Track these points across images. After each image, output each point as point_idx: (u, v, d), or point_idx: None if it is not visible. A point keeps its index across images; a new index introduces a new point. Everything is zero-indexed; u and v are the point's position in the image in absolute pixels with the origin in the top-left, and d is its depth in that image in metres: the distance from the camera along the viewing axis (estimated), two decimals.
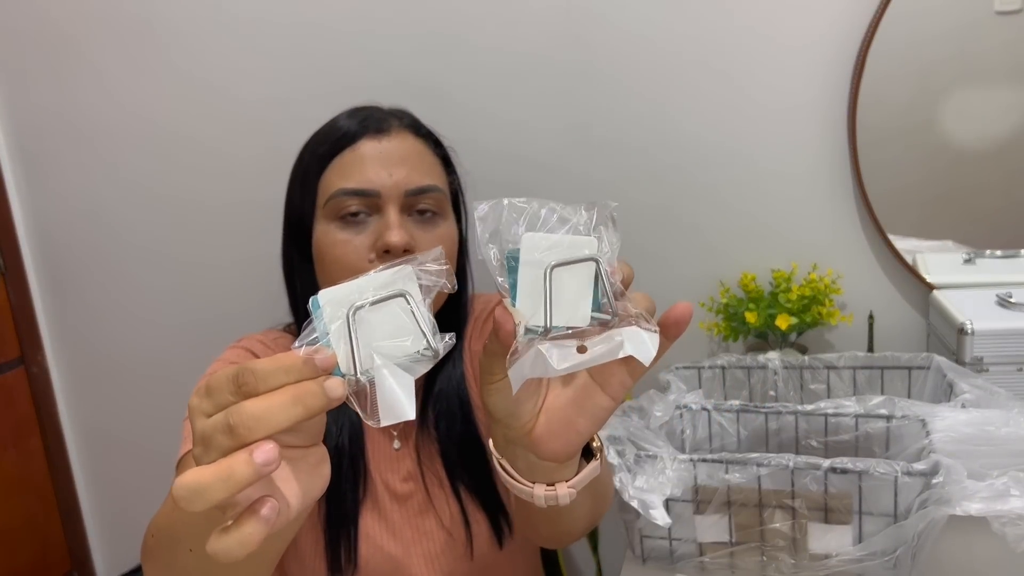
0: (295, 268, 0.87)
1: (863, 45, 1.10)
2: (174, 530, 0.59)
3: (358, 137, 0.83)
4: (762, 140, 1.17)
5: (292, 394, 0.42)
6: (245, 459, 0.40)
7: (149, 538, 0.64)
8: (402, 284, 0.46)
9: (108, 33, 1.35)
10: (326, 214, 0.82)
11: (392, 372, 0.45)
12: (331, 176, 0.82)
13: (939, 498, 0.72)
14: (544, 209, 0.48)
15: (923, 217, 1.17)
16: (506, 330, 0.47)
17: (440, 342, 0.47)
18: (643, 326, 0.48)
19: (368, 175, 0.81)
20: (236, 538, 0.42)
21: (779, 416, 0.93)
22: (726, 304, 1.18)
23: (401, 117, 0.87)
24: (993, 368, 0.97)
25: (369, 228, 0.81)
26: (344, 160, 0.82)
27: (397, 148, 0.83)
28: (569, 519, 0.70)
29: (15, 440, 1.47)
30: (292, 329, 0.92)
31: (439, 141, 0.90)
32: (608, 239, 0.49)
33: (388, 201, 0.80)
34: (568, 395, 0.53)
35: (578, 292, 0.48)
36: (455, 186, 0.90)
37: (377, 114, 0.86)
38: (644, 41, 1.18)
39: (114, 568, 1.61)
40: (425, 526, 0.87)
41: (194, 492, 0.40)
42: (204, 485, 0.40)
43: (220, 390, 0.43)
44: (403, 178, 0.81)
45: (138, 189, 1.41)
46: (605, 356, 0.47)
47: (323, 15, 1.26)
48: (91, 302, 1.49)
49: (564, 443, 0.53)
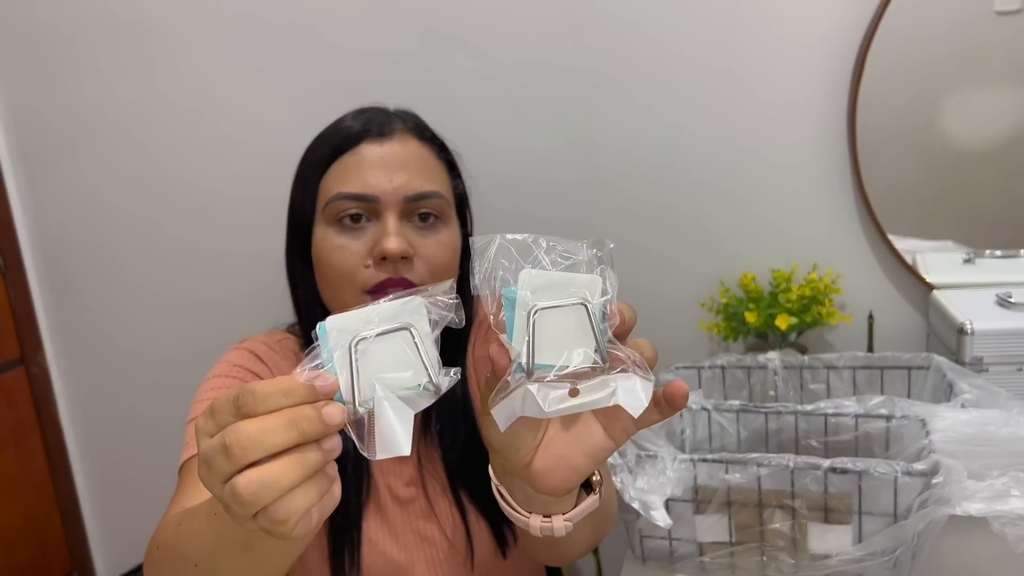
0: (297, 271, 0.87)
1: (863, 45, 1.10)
2: (181, 546, 0.59)
3: (360, 140, 0.81)
4: (762, 140, 1.17)
5: (288, 417, 0.43)
6: (313, 446, 0.43)
7: (154, 551, 0.63)
8: (409, 316, 0.46)
9: (107, 34, 1.35)
10: (325, 218, 0.81)
11: (393, 405, 0.45)
12: (331, 179, 0.81)
13: (939, 498, 0.72)
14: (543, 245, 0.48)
15: (923, 217, 1.17)
16: (500, 366, 0.47)
17: (443, 377, 0.46)
18: (639, 374, 0.47)
19: (368, 179, 0.79)
20: (301, 496, 0.43)
21: (779, 416, 0.93)
22: (726, 304, 1.18)
23: (405, 120, 0.85)
24: (993, 368, 0.97)
25: (367, 234, 0.80)
26: (345, 163, 0.81)
27: (399, 152, 0.81)
28: (567, 545, 0.70)
29: (15, 440, 1.47)
30: (295, 330, 0.92)
31: (444, 145, 0.88)
32: (609, 280, 0.48)
33: (387, 207, 0.79)
34: (569, 432, 0.52)
35: (574, 333, 0.47)
36: (460, 191, 0.88)
37: (380, 117, 0.84)
38: (644, 41, 1.18)
39: (114, 568, 1.61)
40: (427, 532, 0.86)
41: (264, 486, 0.41)
42: (276, 475, 0.41)
43: (222, 411, 0.44)
44: (403, 183, 0.79)
45: (138, 189, 1.41)
46: (596, 403, 0.46)
47: (323, 15, 1.26)
48: (91, 302, 1.49)
49: (561, 479, 0.52)
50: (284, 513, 0.43)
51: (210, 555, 0.55)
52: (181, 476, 0.77)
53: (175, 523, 0.61)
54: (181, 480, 0.76)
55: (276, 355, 0.87)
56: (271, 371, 0.85)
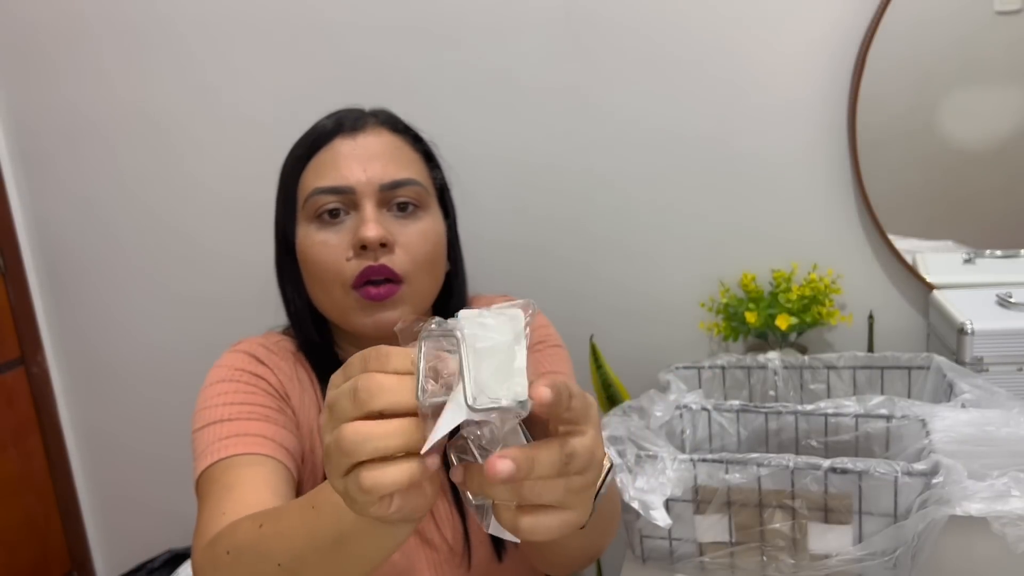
0: (286, 275, 0.88)
1: (863, 45, 1.10)
2: (263, 546, 0.57)
3: (333, 136, 0.83)
4: (762, 140, 1.17)
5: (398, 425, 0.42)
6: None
7: (223, 555, 0.61)
8: (516, 332, 0.43)
9: (108, 33, 1.35)
10: (305, 215, 0.82)
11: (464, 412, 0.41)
12: (308, 177, 0.83)
13: (939, 498, 0.72)
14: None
15: (923, 217, 1.17)
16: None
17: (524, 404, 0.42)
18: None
19: (342, 172, 0.80)
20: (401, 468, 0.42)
21: (779, 416, 0.93)
22: (726, 304, 1.18)
23: (377, 115, 0.87)
24: (993, 368, 0.97)
25: (346, 226, 0.81)
26: (320, 160, 0.83)
27: (372, 144, 0.83)
28: (558, 554, 0.69)
29: (15, 440, 1.47)
30: (291, 332, 0.92)
31: (418, 136, 0.89)
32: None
33: (363, 197, 0.80)
34: None
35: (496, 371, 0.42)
36: (439, 181, 0.89)
37: (353, 113, 0.86)
38: (644, 41, 1.18)
39: (114, 568, 1.61)
40: (427, 534, 0.86)
41: (367, 438, 0.42)
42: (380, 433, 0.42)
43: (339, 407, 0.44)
44: (378, 173, 0.81)
45: (138, 189, 1.41)
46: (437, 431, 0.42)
47: (322, 15, 1.26)
48: (91, 302, 1.49)
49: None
50: (371, 482, 0.42)
51: (299, 553, 0.54)
52: (205, 485, 0.74)
53: (254, 524, 0.59)
54: (208, 488, 0.73)
55: (275, 356, 0.87)
56: (272, 372, 0.85)
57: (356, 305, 0.81)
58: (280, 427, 0.80)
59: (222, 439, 0.76)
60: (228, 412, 0.79)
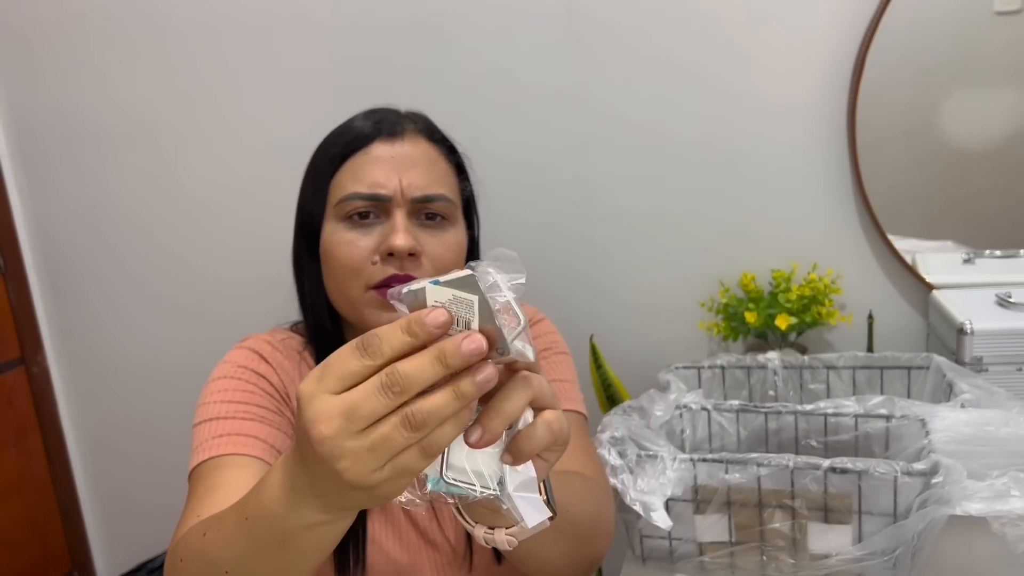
0: (304, 267, 0.87)
1: (863, 45, 1.10)
2: (209, 554, 0.58)
3: (371, 140, 0.83)
4: (762, 140, 1.17)
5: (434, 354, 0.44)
6: (468, 379, 0.44)
7: (177, 563, 0.62)
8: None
9: (108, 33, 1.35)
10: (335, 214, 0.82)
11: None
12: (342, 178, 0.83)
13: (939, 498, 0.72)
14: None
15: (923, 217, 1.17)
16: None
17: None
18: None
19: (378, 178, 0.81)
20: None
21: (779, 416, 0.93)
22: (726, 304, 1.19)
23: (416, 121, 0.87)
24: (993, 368, 0.97)
25: (375, 230, 0.81)
26: (356, 162, 0.82)
27: (410, 153, 0.83)
28: (537, 559, 0.69)
29: (15, 440, 1.47)
30: (299, 328, 0.92)
31: (453, 148, 0.89)
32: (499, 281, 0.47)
33: (396, 205, 0.81)
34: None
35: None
36: (467, 193, 0.89)
37: (392, 117, 0.86)
38: (644, 41, 1.18)
39: (114, 568, 1.61)
40: (431, 534, 0.86)
41: (431, 414, 0.43)
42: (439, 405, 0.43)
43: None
44: (412, 184, 0.81)
45: (138, 189, 1.41)
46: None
47: (322, 15, 1.26)
48: (91, 302, 1.49)
49: None
50: (439, 445, 0.44)
51: (242, 558, 0.54)
52: (193, 482, 0.76)
53: (199, 532, 0.60)
54: (194, 486, 0.75)
55: (279, 354, 0.87)
56: (275, 371, 0.85)
57: (373, 302, 0.81)
58: (274, 428, 0.80)
59: (215, 437, 0.77)
60: (224, 410, 0.79)
